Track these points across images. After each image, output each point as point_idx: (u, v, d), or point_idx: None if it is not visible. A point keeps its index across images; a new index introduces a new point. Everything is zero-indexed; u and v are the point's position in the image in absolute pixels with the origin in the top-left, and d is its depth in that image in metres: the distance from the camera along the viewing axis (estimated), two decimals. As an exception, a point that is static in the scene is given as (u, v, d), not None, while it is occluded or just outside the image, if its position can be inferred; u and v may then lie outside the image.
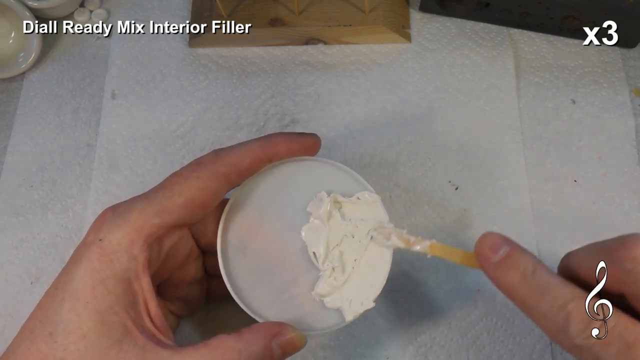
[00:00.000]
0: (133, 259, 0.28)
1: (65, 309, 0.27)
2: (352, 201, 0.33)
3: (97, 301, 0.27)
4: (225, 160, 0.31)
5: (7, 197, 0.42)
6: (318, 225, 0.32)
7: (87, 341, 0.27)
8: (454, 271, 0.39)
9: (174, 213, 0.29)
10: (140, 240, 0.28)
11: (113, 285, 0.28)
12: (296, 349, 0.30)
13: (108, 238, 0.28)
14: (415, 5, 0.47)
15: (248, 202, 0.33)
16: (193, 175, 0.30)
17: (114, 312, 0.27)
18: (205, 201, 0.30)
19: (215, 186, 0.30)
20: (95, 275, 0.27)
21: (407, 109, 0.43)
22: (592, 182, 0.41)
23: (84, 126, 0.44)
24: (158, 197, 0.29)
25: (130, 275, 0.28)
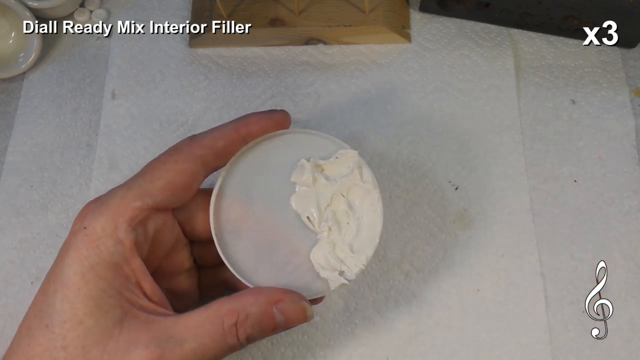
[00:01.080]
0: (119, 243, 0.28)
1: (57, 299, 0.28)
2: (331, 162, 0.34)
3: (89, 287, 0.28)
4: (200, 143, 0.32)
5: (7, 197, 0.42)
6: (305, 192, 0.33)
7: (84, 326, 0.27)
8: (453, 271, 0.39)
9: (155, 196, 0.30)
10: (124, 224, 0.29)
11: (103, 270, 0.28)
12: (302, 320, 0.30)
13: (92, 225, 0.29)
14: (415, 5, 0.47)
15: (233, 186, 0.34)
16: (171, 159, 0.31)
17: (108, 295, 0.28)
18: (184, 183, 0.31)
19: (193, 168, 0.31)
20: (84, 263, 0.28)
21: (407, 109, 0.44)
22: (592, 182, 0.41)
23: (84, 126, 0.44)
24: (138, 182, 0.30)
25: (118, 259, 0.28)
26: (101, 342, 0.27)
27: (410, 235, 0.40)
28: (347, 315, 0.38)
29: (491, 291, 0.38)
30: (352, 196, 0.34)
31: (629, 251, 0.39)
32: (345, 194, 0.33)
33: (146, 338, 0.28)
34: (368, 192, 0.33)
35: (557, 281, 0.38)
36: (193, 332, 0.28)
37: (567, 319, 0.37)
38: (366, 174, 0.34)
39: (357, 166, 0.33)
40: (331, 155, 0.34)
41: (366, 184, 0.33)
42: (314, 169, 0.33)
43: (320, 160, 0.34)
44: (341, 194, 0.33)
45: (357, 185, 0.33)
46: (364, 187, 0.33)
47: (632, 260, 0.39)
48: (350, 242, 0.33)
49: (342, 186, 0.33)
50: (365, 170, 0.34)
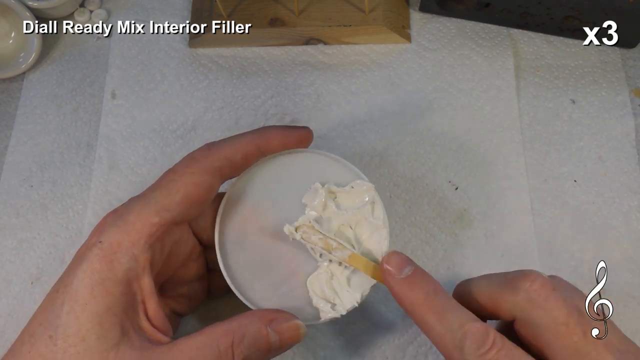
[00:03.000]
0: (134, 260, 0.28)
1: (64, 311, 0.27)
2: (346, 190, 0.33)
3: (96, 302, 0.27)
4: (218, 154, 0.31)
5: (7, 197, 0.42)
6: (313, 217, 0.33)
7: (86, 343, 0.27)
8: (453, 271, 0.39)
9: (173, 210, 0.29)
10: (142, 240, 0.28)
11: (112, 285, 0.28)
12: (296, 339, 0.30)
13: (109, 240, 0.28)
14: (415, 5, 0.47)
15: (244, 196, 0.34)
16: (187, 171, 0.30)
17: (113, 313, 0.27)
18: (201, 196, 0.31)
19: (210, 180, 0.31)
20: (95, 277, 0.28)
21: (407, 109, 0.44)
22: (591, 182, 0.41)
23: (84, 126, 0.44)
24: (155, 196, 0.30)
25: (130, 276, 0.28)
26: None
27: (410, 235, 0.40)
28: (347, 316, 0.38)
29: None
30: (360, 230, 0.33)
31: (629, 251, 0.39)
32: (354, 226, 0.33)
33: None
34: (377, 229, 0.32)
35: (557, 281, 0.38)
36: (188, 356, 0.28)
37: (567, 319, 0.37)
38: (378, 210, 0.33)
39: (371, 201, 0.33)
40: (347, 184, 0.33)
41: (376, 220, 0.32)
42: (327, 195, 0.33)
43: (335, 186, 0.33)
44: (349, 225, 0.33)
45: (367, 220, 0.33)
46: (373, 222, 0.32)
47: (632, 260, 0.39)
48: (349, 276, 0.32)
49: (351, 218, 0.33)
50: (378, 206, 0.33)
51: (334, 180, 0.33)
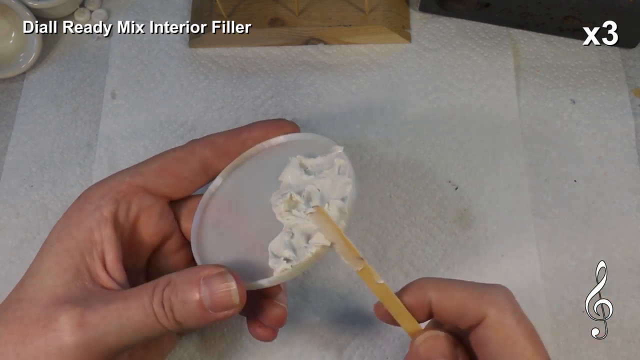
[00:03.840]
0: (98, 210, 0.30)
1: (37, 256, 0.30)
2: (317, 159, 0.33)
3: (59, 244, 0.30)
4: (200, 140, 0.34)
5: (7, 197, 0.42)
6: (284, 187, 0.32)
7: (42, 281, 0.29)
8: (453, 271, 0.39)
9: (146, 175, 0.32)
10: (109, 194, 0.31)
11: (76, 231, 0.30)
12: (226, 302, 0.28)
13: (85, 193, 0.32)
14: (415, 5, 0.47)
15: (228, 187, 0.35)
16: (170, 150, 0.33)
17: (70, 255, 0.29)
18: (178, 170, 0.33)
19: (189, 158, 0.33)
20: (65, 222, 0.31)
21: (407, 109, 0.44)
22: (591, 182, 0.41)
23: (84, 126, 0.44)
24: (137, 165, 0.33)
25: (91, 224, 0.30)
26: (45, 299, 0.28)
27: (410, 235, 0.40)
28: (347, 316, 0.38)
29: (491, 291, 0.38)
30: (325, 187, 0.31)
31: (629, 251, 0.39)
32: (320, 186, 0.32)
33: (78, 299, 0.28)
34: (342, 182, 0.31)
35: (557, 281, 0.38)
36: (123, 295, 0.28)
37: (567, 318, 0.37)
38: (344, 165, 0.31)
39: (339, 160, 0.32)
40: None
41: (342, 175, 0.31)
42: (299, 166, 0.33)
43: (308, 157, 0.33)
44: (316, 186, 0.32)
45: (332, 178, 0.31)
46: (339, 178, 0.31)
47: (632, 260, 0.39)
48: (310, 233, 0.30)
49: (319, 179, 0.32)
50: (343, 162, 0.32)
51: (310, 154, 0.33)
